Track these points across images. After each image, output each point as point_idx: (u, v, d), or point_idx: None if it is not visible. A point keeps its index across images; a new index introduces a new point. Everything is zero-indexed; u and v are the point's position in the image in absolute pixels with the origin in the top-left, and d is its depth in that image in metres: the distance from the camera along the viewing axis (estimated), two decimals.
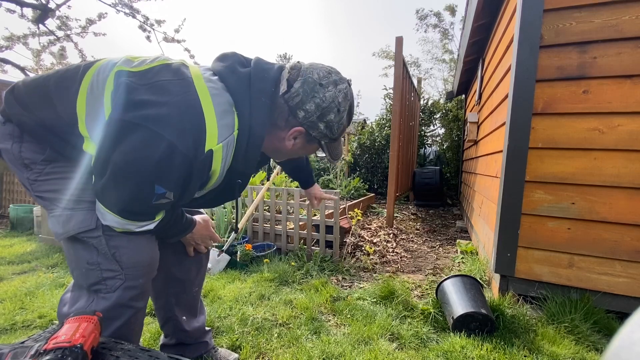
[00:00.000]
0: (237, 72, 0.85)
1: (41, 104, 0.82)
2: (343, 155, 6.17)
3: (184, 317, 1.21)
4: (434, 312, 1.69)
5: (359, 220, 3.51)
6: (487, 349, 1.39)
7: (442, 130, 8.19)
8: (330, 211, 2.65)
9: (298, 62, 0.87)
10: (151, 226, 0.87)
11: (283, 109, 0.84)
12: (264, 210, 2.82)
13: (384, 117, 7.02)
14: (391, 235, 3.30)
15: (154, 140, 0.72)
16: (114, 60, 0.83)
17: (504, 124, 1.98)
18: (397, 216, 4.29)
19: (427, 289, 2.11)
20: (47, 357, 0.59)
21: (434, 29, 12.02)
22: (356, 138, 7.10)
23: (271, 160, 1.18)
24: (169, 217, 0.91)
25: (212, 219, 2.83)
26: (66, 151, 0.84)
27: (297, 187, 4.21)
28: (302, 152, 0.97)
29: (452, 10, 11.34)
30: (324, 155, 0.96)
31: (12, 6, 3.40)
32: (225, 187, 0.96)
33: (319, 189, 1.48)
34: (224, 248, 2.39)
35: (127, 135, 0.73)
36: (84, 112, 0.79)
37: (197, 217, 1.09)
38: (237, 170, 0.90)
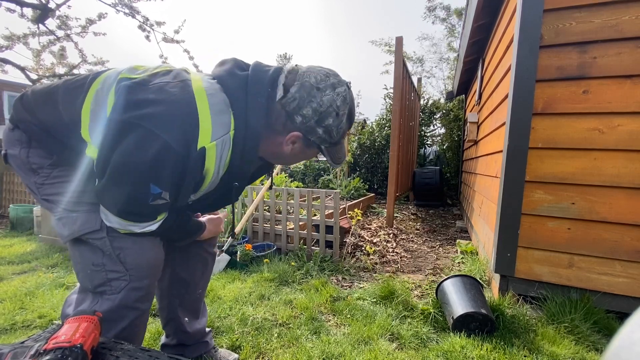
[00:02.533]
0: (235, 75, 0.86)
1: (47, 109, 0.86)
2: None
3: (186, 319, 1.22)
4: (434, 312, 1.69)
5: (359, 220, 3.51)
6: (487, 349, 1.39)
7: (442, 130, 8.19)
8: (330, 211, 2.65)
9: (296, 65, 0.87)
10: (153, 227, 0.87)
11: (280, 114, 0.84)
12: (264, 210, 2.82)
13: (384, 117, 7.01)
14: (391, 235, 3.30)
15: (149, 139, 0.73)
16: (119, 69, 0.86)
17: (504, 124, 1.98)
18: (397, 216, 4.28)
19: (427, 289, 2.11)
20: (47, 357, 0.60)
21: (442, 22, 11.92)
22: (356, 138, 7.10)
23: None
24: (172, 220, 0.91)
25: None
26: (70, 156, 0.86)
27: (297, 187, 4.21)
28: (303, 157, 0.96)
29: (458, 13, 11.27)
30: (326, 158, 0.96)
31: (12, 6, 3.40)
32: (223, 191, 0.96)
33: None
34: (224, 248, 2.39)
35: (126, 135, 0.74)
36: (87, 118, 0.82)
37: (204, 218, 1.09)
38: (235, 172, 0.89)
